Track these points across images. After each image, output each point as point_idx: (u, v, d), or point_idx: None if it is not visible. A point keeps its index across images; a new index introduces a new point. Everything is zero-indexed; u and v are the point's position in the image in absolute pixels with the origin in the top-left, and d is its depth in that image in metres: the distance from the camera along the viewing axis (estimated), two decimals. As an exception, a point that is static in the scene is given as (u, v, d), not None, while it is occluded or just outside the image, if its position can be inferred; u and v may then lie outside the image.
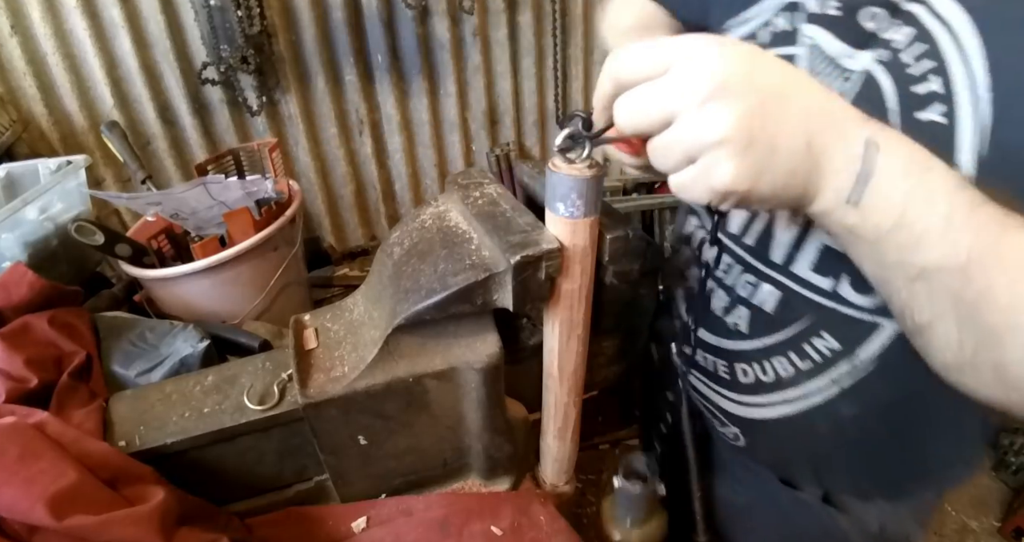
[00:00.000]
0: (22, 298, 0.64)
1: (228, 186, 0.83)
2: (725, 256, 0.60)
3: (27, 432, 0.47)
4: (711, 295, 0.63)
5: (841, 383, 0.55)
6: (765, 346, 0.59)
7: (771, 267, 0.56)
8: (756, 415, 0.63)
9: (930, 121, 0.43)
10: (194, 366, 0.66)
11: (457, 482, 0.63)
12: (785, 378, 0.59)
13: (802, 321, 0.55)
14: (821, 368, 0.56)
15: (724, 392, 0.65)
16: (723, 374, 0.64)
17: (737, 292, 0.60)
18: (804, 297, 0.54)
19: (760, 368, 0.60)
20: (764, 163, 0.34)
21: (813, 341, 0.55)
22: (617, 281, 0.53)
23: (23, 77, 1.32)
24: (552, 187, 0.43)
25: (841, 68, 0.49)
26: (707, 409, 0.70)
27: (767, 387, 0.60)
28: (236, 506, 0.57)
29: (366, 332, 0.54)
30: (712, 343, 0.64)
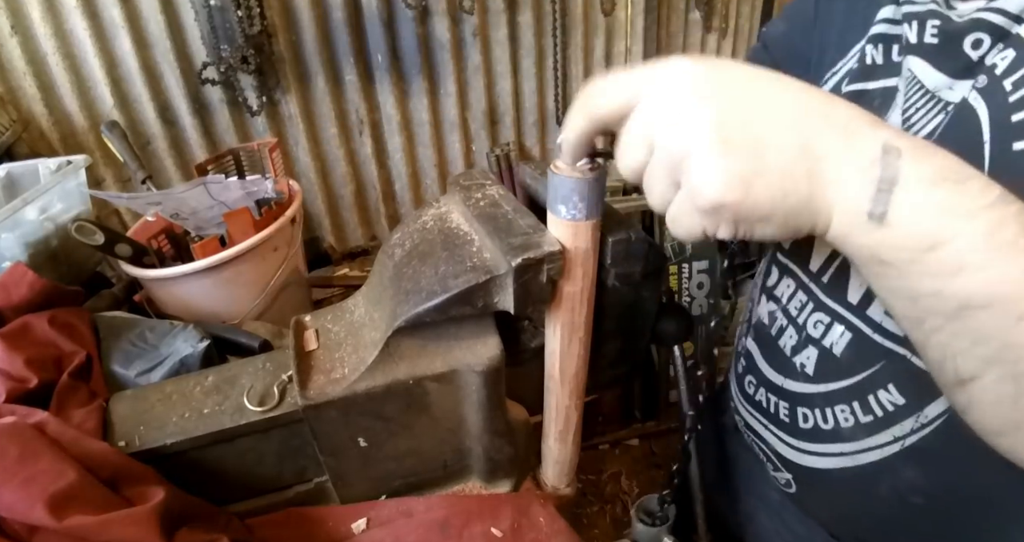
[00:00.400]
0: (22, 298, 0.63)
1: (228, 186, 0.83)
2: (800, 293, 0.58)
3: (27, 432, 0.47)
4: (782, 333, 0.61)
5: (904, 441, 0.51)
6: (829, 391, 0.56)
7: (846, 308, 0.53)
8: (811, 463, 0.60)
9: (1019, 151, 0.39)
10: (194, 366, 0.66)
11: (458, 484, 0.63)
12: (845, 429, 0.55)
13: (870, 369, 0.52)
14: (883, 423, 0.52)
15: (781, 435, 0.63)
16: (783, 417, 0.62)
17: (808, 331, 0.57)
18: (875, 342, 0.50)
19: (821, 415, 0.57)
20: (752, 166, 0.30)
21: (878, 393, 0.52)
22: (619, 283, 0.53)
23: (23, 77, 1.32)
24: (554, 189, 0.43)
25: (939, 100, 0.45)
26: (761, 451, 0.68)
27: (826, 436, 0.57)
28: (236, 507, 0.57)
29: (367, 334, 0.54)
30: (776, 383, 0.62)
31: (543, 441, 0.63)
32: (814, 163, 0.31)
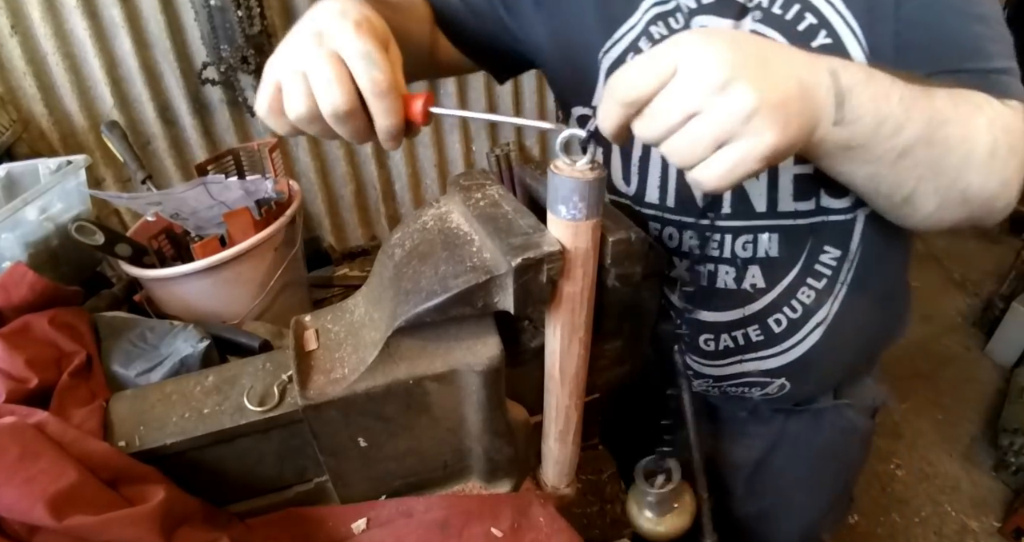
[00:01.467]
0: (22, 298, 0.63)
1: (228, 186, 0.83)
2: (706, 235, 0.64)
3: (27, 432, 0.47)
4: (714, 277, 0.67)
5: (846, 282, 0.65)
6: (785, 287, 0.65)
7: (759, 218, 0.62)
8: (797, 353, 0.69)
9: (821, 45, 0.55)
10: (194, 366, 0.66)
11: (458, 484, 0.63)
12: (810, 304, 0.66)
13: (805, 246, 0.63)
14: (834, 279, 0.64)
15: (763, 353, 0.70)
16: (757, 338, 0.69)
17: (740, 256, 0.65)
18: (798, 226, 0.62)
19: (789, 309, 0.66)
20: (785, 116, 0.38)
21: (820, 259, 0.64)
22: (619, 284, 0.53)
23: (23, 77, 1.32)
24: (554, 189, 0.43)
25: None
26: (742, 384, 0.73)
27: (800, 322, 0.67)
28: (236, 507, 0.57)
29: (367, 334, 0.54)
30: (735, 319, 0.68)
31: (543, 441, 0.63)
32: (807, 96, 0.40)
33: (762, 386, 0.73)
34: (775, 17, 0.57)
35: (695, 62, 0.37)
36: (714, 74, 0.36)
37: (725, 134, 0.37)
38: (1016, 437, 1.92)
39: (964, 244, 3.13)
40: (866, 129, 0.43)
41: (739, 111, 0.36)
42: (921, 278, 2.93)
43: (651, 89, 0.38)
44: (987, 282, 2.76)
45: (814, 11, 0.55)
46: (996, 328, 2.38)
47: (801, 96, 0.39)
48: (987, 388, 2.28)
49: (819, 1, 0.55)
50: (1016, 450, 1.90)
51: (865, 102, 0.42)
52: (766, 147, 0.37)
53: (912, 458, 2.05)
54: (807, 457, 0.81)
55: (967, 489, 1.93)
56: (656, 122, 0.39)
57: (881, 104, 0.42)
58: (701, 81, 0.37)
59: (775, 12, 0.57)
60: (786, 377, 0.71)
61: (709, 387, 0.77)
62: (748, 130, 0.37)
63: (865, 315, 0.69)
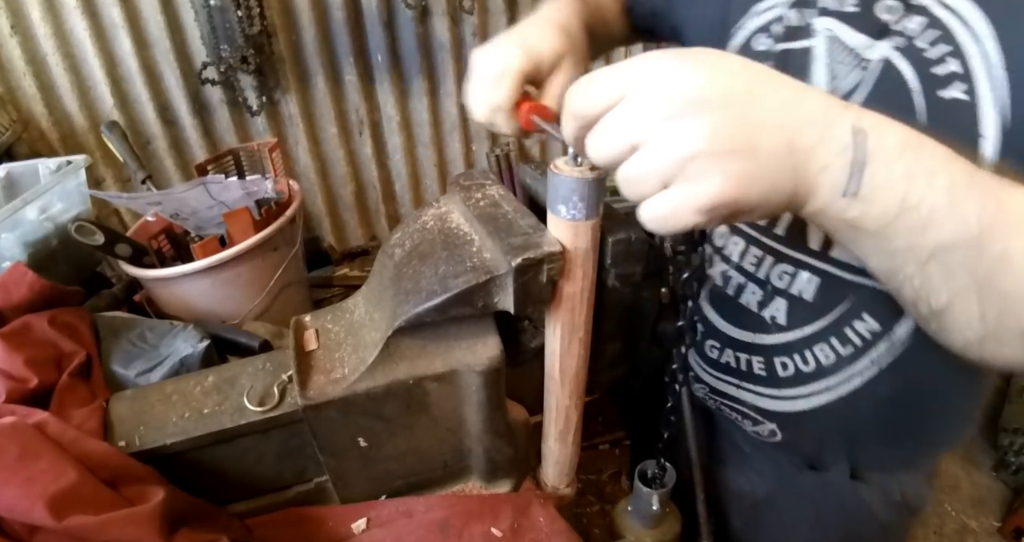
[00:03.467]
0: (22, 298, 0.63)
1: (228, 186, 0.83)
2: (754, 249, 0.60)
3: (27, 432, 0.47)
4: (742, 291, 0.62)
5: (880, 363, 0.56)
6: (806, 336, 0.59)
7: (808, 254, 0.56)
8: (796, 407, 0.63)
9: (953, 98, 0.45)
10: (194, 366, 0.66)
11: (458, 484, 0.63)
12: (827, 365, 0.59)
13: (843, 305, 0.55)
14: (862, 351, 0.56)
15: (759, 390, 0.65)
16: (759, 371, 0.64)
17: (773, 284, 0.59)
18: (844, 280, 0.54)
19: (801, 359, 0.60)
20: (749, 168, 0.32)
21: (854, 324, 0.56)
22: (619, 284, 0.53)
23: (23, 77, 1.32)
24: (554, 189, 0.43)
25: (860, 58, 0.50)
26: (735, 410, 0.70)
27: (808, 377, 0.60)
28: (236, 507, 0.57)
29: (367, 334, 0.54)
30: (745, 341, 0.64)
31: (543, 441, 0.63)
32: (798, 157, 0.33)
33: (754, 422, 0.69)
34: (915, 51, 0.47)
35: (652, 85, 0.33)
36: (666, 103, 0.32)
37: (667, 173, 0.33)
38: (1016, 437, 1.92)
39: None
40: (885, 213, 0.34)
41: (680, 150, 0.32)
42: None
43: (600, 107, 0.35)
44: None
45: (962, 59, 0.45)
46: (996, 328, 2.38)
47: (787, 153, 0.33)
48: (987, 388, 2.28)
49: (972, 51, 0.45)
50: (1016, 450, 1.90)
51: (893, 178, 0.33)
52: (706, 197, 0.32)
53: (912, 458, 2.05)
54: (812, 520, 0.74)
55: (967, 489, 1.93)
56: (601, 144, 0.35)
57: (917, 185, 0.33)
58: (648, 107, 0.33)
59: (918, 45, 0.47)
60: (778, 425, 0.66)
61: (706, 395, 0.75)
62: (688, 174, 0.32)
63: (903, 409, 0.60)
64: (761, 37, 0.58)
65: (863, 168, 0.33)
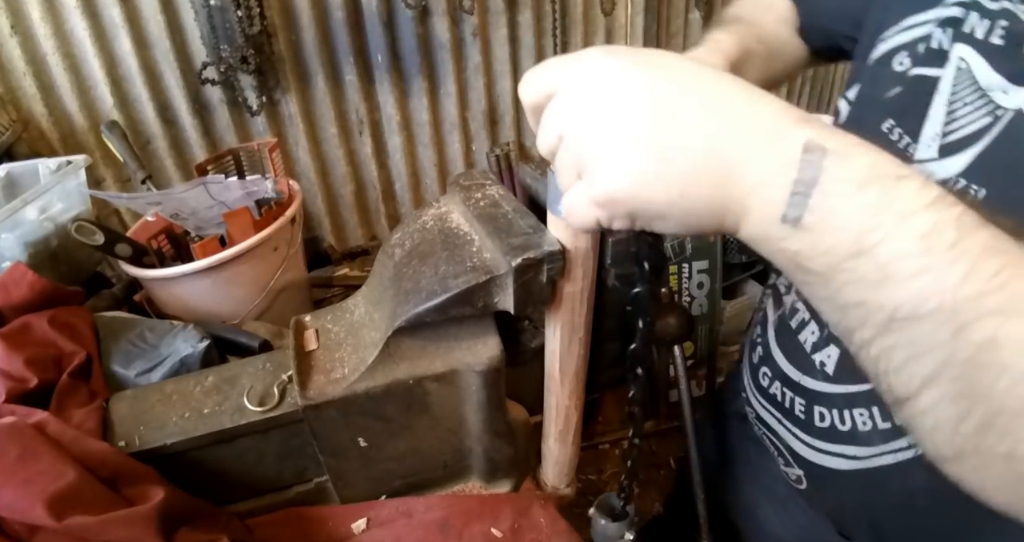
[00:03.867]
0: (22, 298, 0.63)
1: (228, 186, 0.83)
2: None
3: (27, 432, 0.47)
4: (803, 327, 0.59)
5: (918, 449, 0.50)
6: (848, 394, 0.55)
7: None
8: (825, 463, 0.59)
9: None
10: (194, 366, 0.66)
11: (458, 484, 0.63)
12: (862, 432, 0.54)
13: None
14: (901, 430, 0.51)
15: (796, 431, 0.62)
16: (799, 413, 0.61)
17: (830, 329, 0.55)
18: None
19: (839, 415, 0.56)
20: (652, 167, 0.29)
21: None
22: (619, 283, 0.53)
23: (23, 77, 1.32)
24: (554, 189, 0.43)
25: (991, 102, 0.43)
26: (773, 444, 0.67)
27: (842, 437, 0.56)
28: (236, 507, 0.57)
29: (367, 334, 0.54)
30: (793, 378, 0.61)
31: (543, 441, 0.63)
32: (721, 166, 0.29)
33: (785, 462, 0.66)
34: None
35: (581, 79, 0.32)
36: (587, 97, 0.31)
37: (578, 165, 0.32)
38: (1016, 437, 1.92)
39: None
40: (832, 252, 0.27)
41: (586, 143, 0.31)
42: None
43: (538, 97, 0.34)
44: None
45: None
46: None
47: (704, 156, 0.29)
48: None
49: None
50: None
51: (847, 210, 0.26)
52: (600, 190, 0.31)
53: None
54: None
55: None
56: (540, 135, 0.35)
57: (880, 224, 0.25)
58: (573, 101, 0.32)
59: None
60: (805, 473, 0.63)
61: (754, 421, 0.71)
62: (591, 167, 0.31)
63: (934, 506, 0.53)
64: (903, 55, 0.51)
65: (810, 190, 0.27)
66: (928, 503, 0.53)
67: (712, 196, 0.29)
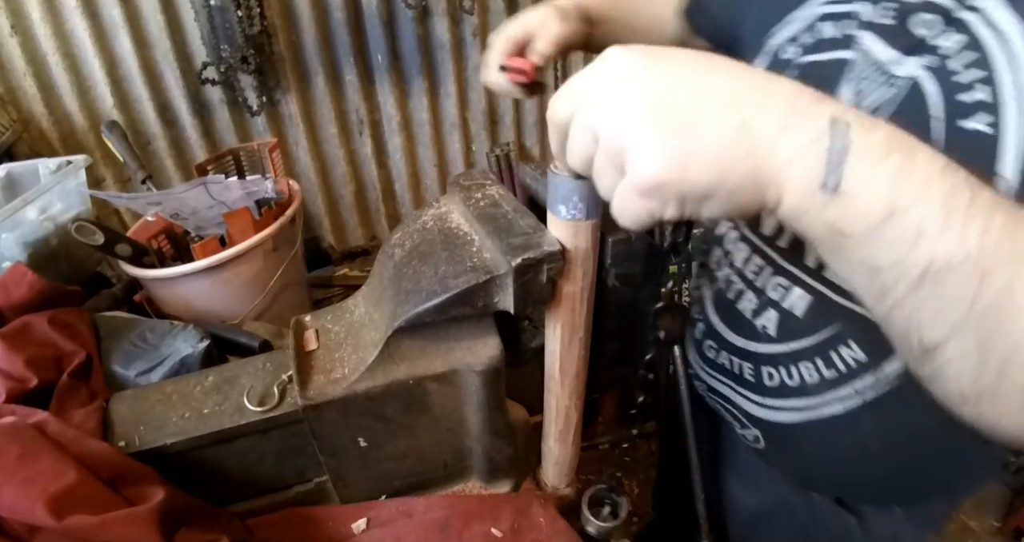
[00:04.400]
0: (22, 298, 0.63)
1: (228, 186, 0.83)
2: (756, 258, 0.60)
3: (27, 432, 0.47)
4: (740, 297, 0.63)
5: (864, 395, 0.55)
6: (792, 350, 0.59)
7: (804, 271, 0.55)
8: (779, 418, 0.63)
9: (975, 130, 0.42)
10: (194, 366, 0.66)
11: (458, 484, 0.63)
12: (810, 384, 0.58)
13: (831, 327, 0.55)
14: (846, 378, 0.55)
15: (748, 394, 0.66)
16: (748, 376, 0.65)
17: (768, 294, 0.59)
18: (835, 303, 0.53)
19: (786, 372, 0.60)
20: (687, 146, 0.30)
21: (840, 349, 0.55)
22: (619, 283, 0.53)
23: (23, 77, 1.32)
24: (554, 189, 0.43)
25: (888, 74, 0.48)
26: (728, 411, 0.71)
27: (792, 391, 0.61)
28: (236, 507, 0.57)
29: (367, 334, 0.54)
30: (738, 345, 0.65)
31: (543, 441, 0.63)
32: (756, 141, 0.30)
33: (741, 425, 0.70)
34: (946, 72, 0.44)
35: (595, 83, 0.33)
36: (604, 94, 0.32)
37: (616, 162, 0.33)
38: (1016, 437, 1.92)
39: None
40: (869, 213, 0.29)
41: (620, 136, 0.32)
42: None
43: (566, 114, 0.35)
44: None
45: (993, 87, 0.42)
46: (996, 328, 2.38)
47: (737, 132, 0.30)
48: (987, 388, 2.28)
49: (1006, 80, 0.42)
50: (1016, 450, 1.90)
51: (878, 175, 0.29)
52: (643, 178, 0.31)
53: (912, 458, 2.05)
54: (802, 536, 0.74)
55: (967, 489, 1.93)
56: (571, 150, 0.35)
57: (907, 188, 0.29)
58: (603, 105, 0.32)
59: (950, 67, 0.44)
60: (761, 432, 0.67)
61: (705, 393, 0.76)
62: (630, 159, 0.32)
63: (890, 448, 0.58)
64: (790, 47, 0.57)
65: (844, 157, 0.29)
66: (878, 446, 0.57)
67: (751, 172, 0.30)
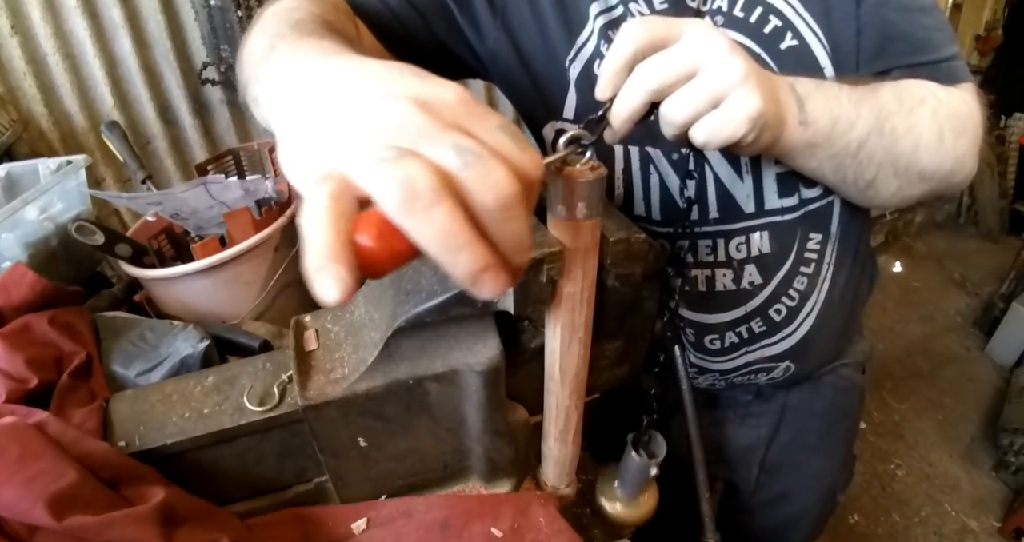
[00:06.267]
0: (22, 298, 0.64)
1: (228, 186, 0.83)
2: (701, 242, 0.67)
3: (27, 432, 0.47)
4: (712, 281, 0.69)
5: (831, 262, 0.69)
6: (781, 279, 0.68)
7: (748, 218, 0.66)
8: (799, 336, 0.72)
9: (789, 47, 0.59)
10: (194, 366, 0.66)
11: (458, 484, 0.63)
12: (804, 290, 0.69)
13: (795, 239, 0.67)
14: (820, 261, 0.68)
15: (767, 342, 0.72)
16: (759, 329, 0.71)
17: (735, 258, 0.67)
18: (786, 221, 0.66)
19: (787, 298, 0.69)
20: (768, 92, 0.44)
21: (808, 247, 0.67)
22: (619, 284, 0.53)
23: (23, 77, 1.32)
24: (554, 189, 0.43)
25: None
26: (748, 373, 0.76)
27: (797, 308, 0.70)
28: (236, 507, 0.57)
29: (367, 334, 0.54)
30: (736, 317, 0.71)
31: (543, 441, 0.63)
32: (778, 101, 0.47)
33: (768, 371, 0.76)
34: (738, 20, 0.60)
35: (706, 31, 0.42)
36: (719, 45, 0.42)
37: (720, 92, 0.43)
38: (1016, 437, 1.92)
39: (964, 244, 3.13)
40: (825, 127, 0.50)
41: (737, 73, 0.42)
42: (921, 278, 2.93)
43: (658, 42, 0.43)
44: (987, 282, 2.76)
45: (777, 14, 0.59)
46: (996, 328, 2.39)
47: (775, 90, 0.47)
48: (987, 388, 2.28)
49: (780, 4, 0.59)
50: (1016, 450, 1.90)
51: (820, 104, 0.49)
52: (752, 109, 0.43)
53: (912, 458, 2.05)
54: (815, 424, 0.85)
55: (967, 489, 1.93)
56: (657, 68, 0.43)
57: (833, 105, 0.50)
58: (706, 47, 0.42)
59: (737, 15, 0.60)
60: (790, 359, 0.74)
61: (716, 380, 0.78)
62: (739, 92, 0.43)
63: (849, 286, 0.73)
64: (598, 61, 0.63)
65: (804, 103, 0.49)
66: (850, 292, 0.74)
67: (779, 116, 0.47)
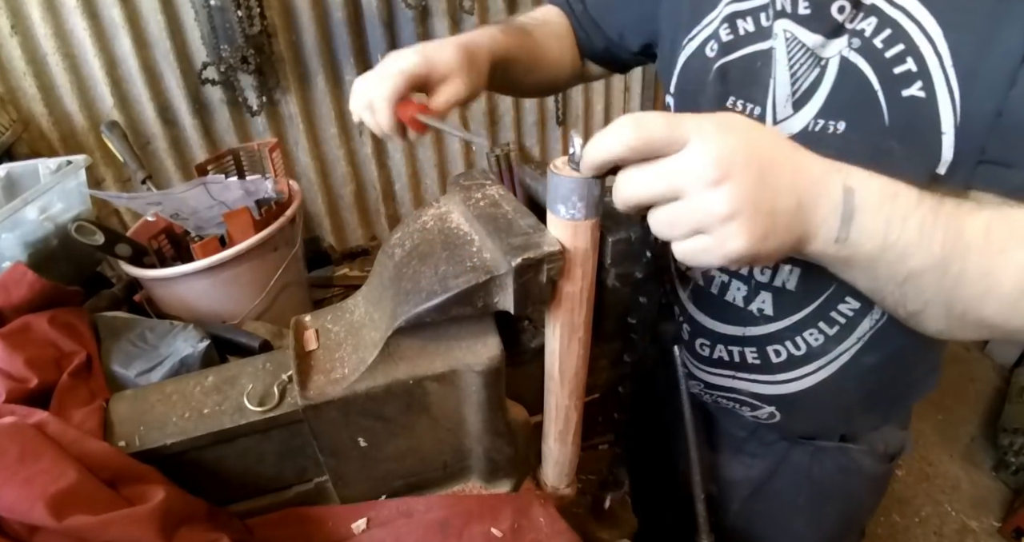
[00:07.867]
0: (22, 298, 0.63)
1: (228, 186, 0.83)
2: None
3: (27, 432, 0.47)
4: (726, 289, 0.66)
5: (864, 338, 0.62)
6: (794, 323, 0.63)
7: None
8: (792, 389, 0.68)
9: (912, 96, 0.50)
10: (194, 366, 0.66)
11: (458, 484, 0.63)
12: (816, 348, 0.64)
13: (826, 290, 0.60)
14: (848, 330, 0.62)
15: (755, 377, 0.69)
16: (752, 360, 0.68)
17: (756, 279, 0.63)
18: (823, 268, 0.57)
19: (792, 345, 0.65)
20: (767, 227, 0.38)
21: (838, 307, 0.61)
22: (619, 284, 0.53)
23: (23, 77, 1.32)
24: (553, 189, 0.43)
25: (817, 57, 0.55)
26: (733, 399, 0.73)
27: (800, 360, 0.65)
28: (236, 507, 0.57)
29: (367, 334, 0.54)
30: (734, 334, 0.67)
31: (543, 441, 0.63)
32: (804, 214, 0.40)
33: (752, 408, 0.72)
34: (874, 50, 0.52)
35: (701, 149, 0.37)
36: (710, 168, 0.37)
37: (700, 226, 0.38)
38: (1016, 437, 1.92)
39: (964, 244, 3.12)
40: (868, 252, 0.41)
41: (718, 213, 0.37)
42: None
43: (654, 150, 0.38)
44: (987, 282, 2.75)
45: (917, 57, 0.50)
46: (996, 328, 2.38)
47: (796, 212, 0.39)
48: (987, 388, 2.28)
49: (927, 50, 0.49)
50: (1016, 450, 1.90)
51: (876, 225, 0.40)
52: (731, 252, 0.38)
53: (912, 458, 2.05)
54: (808, 489, 0.80)
55: (967, 489, 1.93)
56: (640, 182, 0.39)
57: (892, 229, 0.40)
58: (695, 168, 0.37)
59: (875, 44, 0.51)
60: (776, 407, 0.71)
61: (702, 391, 0.77)
62: (721, 231, 0.38)
63: (883, 374, 0.66)
64: (708, 47, 0.63)
65: (851, 220, 0.40)
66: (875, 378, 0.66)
67: (799, 236, 0.40)
